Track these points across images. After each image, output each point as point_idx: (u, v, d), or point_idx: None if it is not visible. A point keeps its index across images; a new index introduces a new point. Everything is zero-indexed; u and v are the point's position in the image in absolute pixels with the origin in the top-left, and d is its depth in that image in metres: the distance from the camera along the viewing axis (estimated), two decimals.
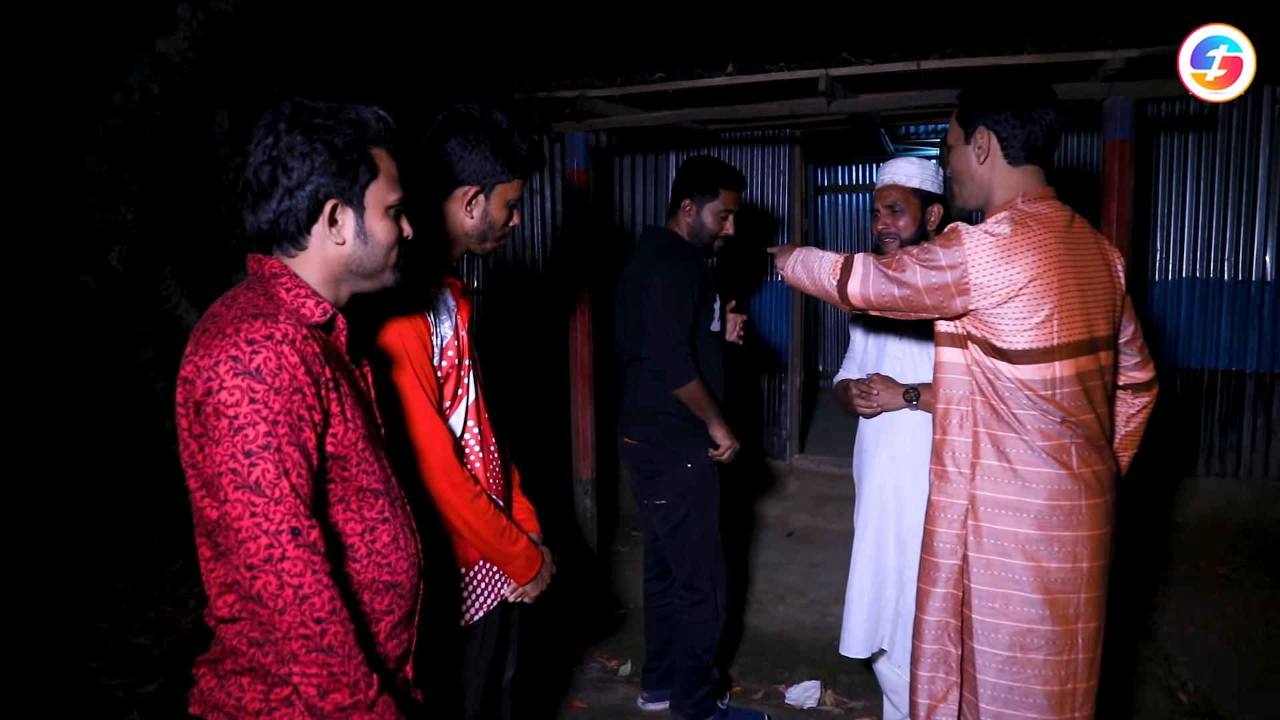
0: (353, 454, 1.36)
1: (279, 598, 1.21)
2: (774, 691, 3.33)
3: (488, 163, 1.84)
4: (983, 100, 1.89)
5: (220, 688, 1.33)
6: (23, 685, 3.24)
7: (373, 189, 1.40)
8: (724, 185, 2.91)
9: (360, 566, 1.39)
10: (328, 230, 1.38)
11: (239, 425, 1.21)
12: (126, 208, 4.13)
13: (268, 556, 1.21)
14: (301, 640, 1.23)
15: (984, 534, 1.85)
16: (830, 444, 5.40)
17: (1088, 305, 1.84)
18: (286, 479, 1.23)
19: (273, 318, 1.27)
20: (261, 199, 1.36)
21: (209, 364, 1.22)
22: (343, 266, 1.41)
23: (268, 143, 1.35)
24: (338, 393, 1.33)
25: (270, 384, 1.22)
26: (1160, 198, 4.43)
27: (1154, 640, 3.44)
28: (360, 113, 1.40)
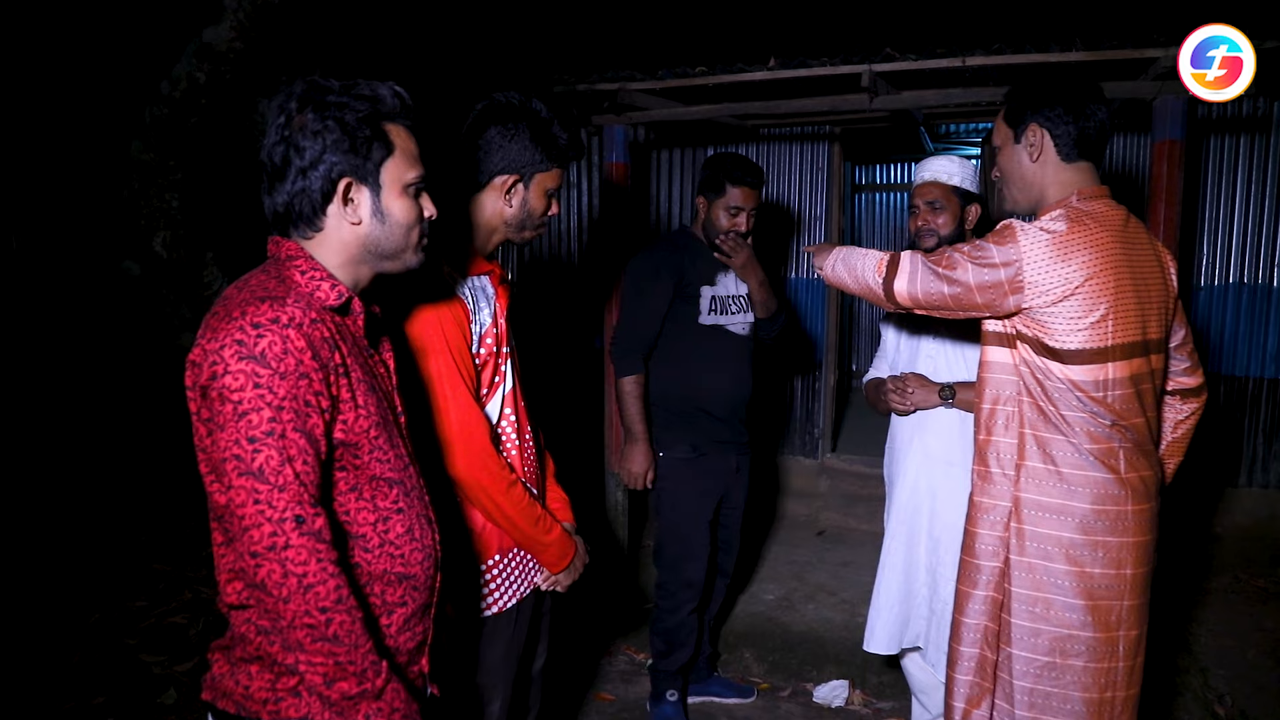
0: (364, 441, 1.34)
1: (283, 586, 1.19)
2: (801, 689, 3.31)
3: (527, 151, 1.84)
4: (1033, 97, 1.86)
5: (230, 675, 1.31)
6: (64, 660, 3.31)
7: (388, 166, 1.37)
8: (731, 181, 2.83)
9: (372, 557, 1.36)
10: (343, 210, 1.35)
11: (243, 410, 1.19)
12: (171, 194, 4.19)
13: (271, 544, 1.19)
14: (306, 629, 1.21)
15: (1027, 537, 1.82)
16: (862, 444, 5.36)
17: (1142, 306, 1.80)
18: (290, 466, 1.20)
19: (280, 301, 1.24)
20: (276, 180, 1.34)
21: (215, 347, 1.21)
22: (360, 247, 1.38)
23: (280, 122, 1.33)
24: (348, 379, 1.31)
25: (275, 369, 1.20)
26: (1209, 201, 4.34)
27: (1191, 652, 3.38)
28: (375, 88, 1.37)
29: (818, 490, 5.04)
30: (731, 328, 2.96)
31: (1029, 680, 1.82)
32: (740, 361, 2.98)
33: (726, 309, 2.95)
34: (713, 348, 2.93)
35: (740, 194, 2.84)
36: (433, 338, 1.75)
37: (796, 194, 5.00)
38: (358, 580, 1.34)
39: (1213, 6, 2.73)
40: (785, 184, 5.02)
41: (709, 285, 2.93)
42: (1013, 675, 1.83)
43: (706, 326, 2.91)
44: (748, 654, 3.52)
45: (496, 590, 1.87)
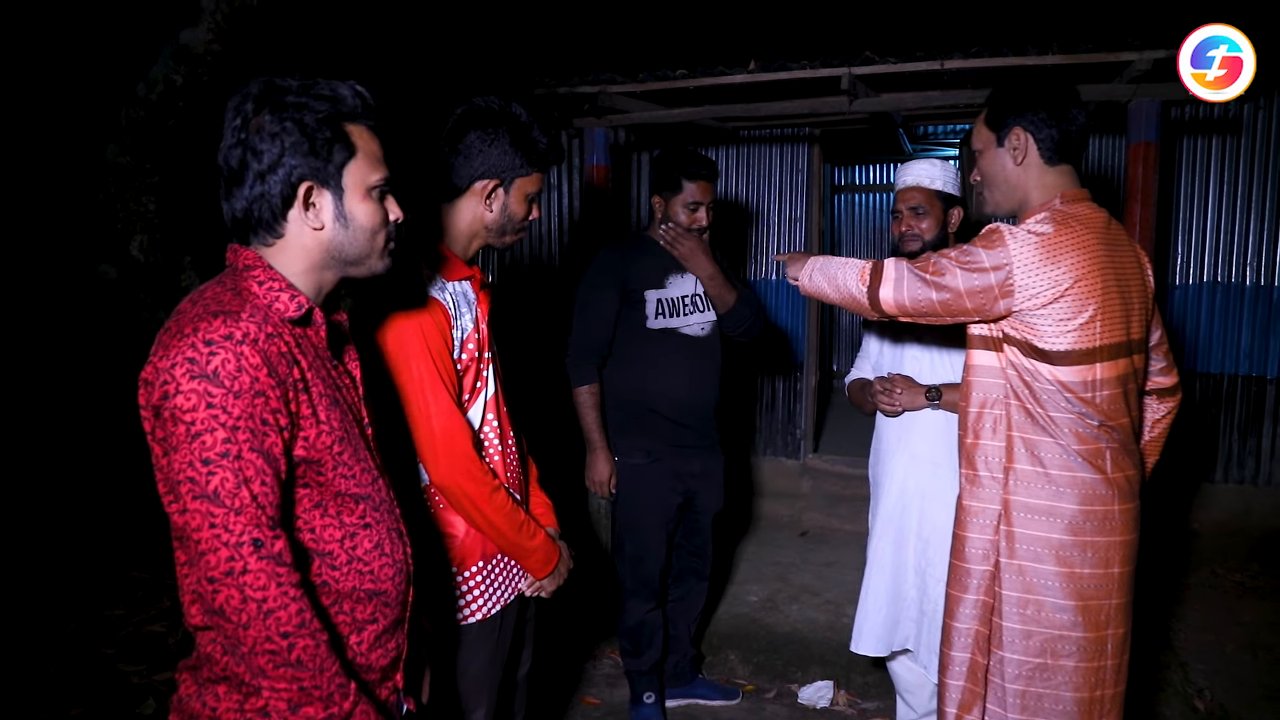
0: (328, 457, 1.29)
1: (242, 612, 1.15)
2: (786, 691, 3.32)
3: (507, 156, 1.83)
4: (1015, 101, 1.87)
5: (198, 695, 1.27)
6: (41, 670, 3.26)
7: (351, 168, 1.31)
8: (686, 177, 2.80)
9: (340, 574, 1.32)
10: (304, 215, 1.29)
11: (196, 431, 1.14)
12: (148, 198, 4.16)
13: (229, 570, 1.14)
14: (268, 655, 1.17)
15: (1016, 539, 1.83)
16: (844, 444, 5.38)
17: (1126, 307, 1.82)
18: (247, 488, 1.16)
19: (234, 316, 1.19)
20: (234, 185, 1.28)
21: (166, 365, 1.16)
22: (323, 253, 1.32)
23: (235, 124, 1.27)
24: (309, 394, 1.26)
25: (229, 387, 1.15)
26: (1183, 201, 4.39)
27: (1171, 647, 3.42)
28: (334, 88, 1.31)
29: (800, 491, 5.05)
30: (686, 330, 2.89)
31: (1020, 683, 1.82)
32: (699, 364, 2.91)
33: (679, 310, 2.89)
34: (664, 351, 2.88)
35: (697, 188, 2.81)
36: (413, 343, 1.74)
37: (776, 196, 5.02)
38: (325, 599, 1.30)
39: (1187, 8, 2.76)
40: (765, 186, 5.03)
41: (656, 288, 2.87)
42: (1004, 679, 1.84)
43: (655, 330, 2.87)
44: (732, 655, 3.53)
45: (480, 597, 1.86)
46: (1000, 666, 1.84)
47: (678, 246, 2.80)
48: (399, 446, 1.76)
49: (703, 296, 2.91)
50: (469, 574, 1.85)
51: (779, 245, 5.05)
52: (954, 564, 1.95)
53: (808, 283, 2.05)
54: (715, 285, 2.85)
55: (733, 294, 2.87)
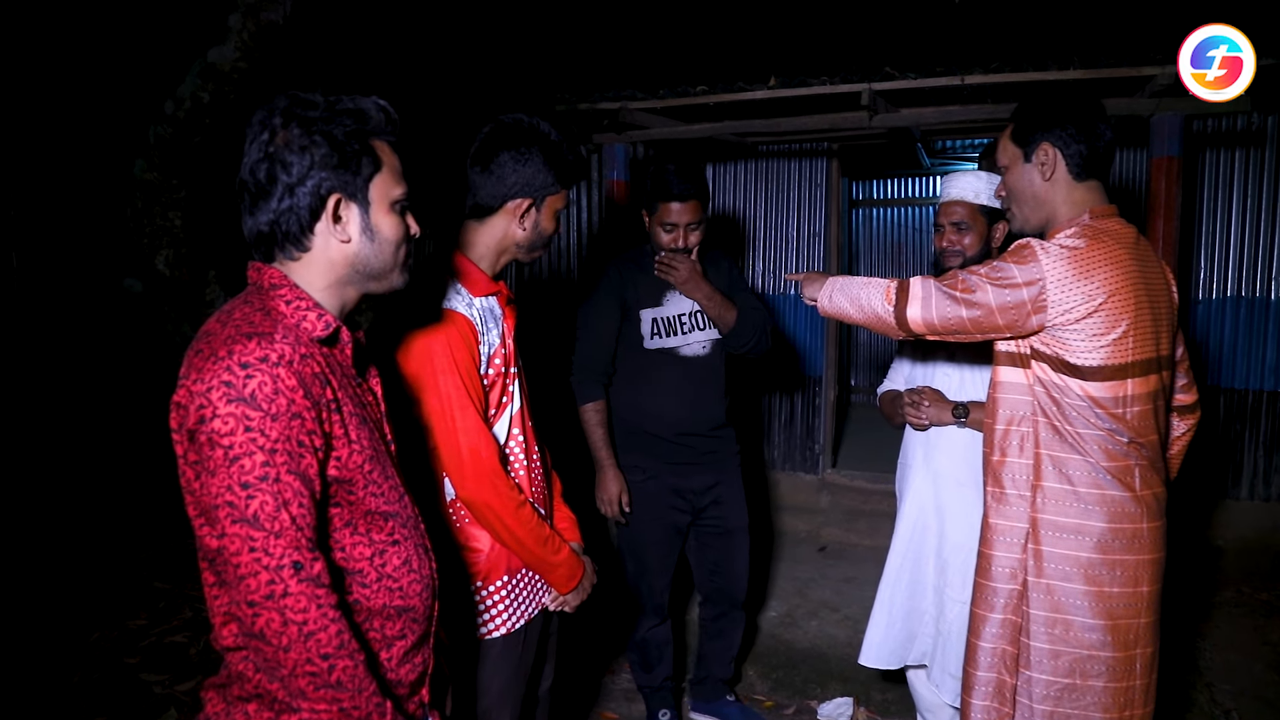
0: (359, 476, 1.29)
1: (283, 635, 1.15)
2: (806, 707, 3.30)
3: (540, 175, 1.84)
4: (1043, 116, 1.85)
5: (225, 714, 1.27)
6: (64, 679, 3.29)
7: (377, 182, 1.32)
8: (659, 197, 2.69)
9: (370, 592, 1.32)
10: (332, 228, 1.29)
11: (234, 455, 1.14)
12: (174, 213, 4.22)
13: (269, 593, 1.14)
14: (309, 677, 1.17)
15: (1045, 558, 1.81)
16: (863, 459, 5.36)
17: (1156, 322, 1.81)
18: (286, 510, 1.16)
19: (268, 337, 1.19)
20: (260, 199, 1.27)
21: (201, 389, 1.15)
22: (349, 267, 1.33)
23: (263, 139, 1.27)
24: (340, 414, 1.26)
25: (266, 410, 1.15)
26: (1206, 215, 4.36)
27: (1197, 667, 3.38)
28: (359, 103, 1.32)
29: (819, 506, 5.03)
30: (684, 350, 2.85)
31: (1049, 704, 1.80)
32: (697, 384, 2.85)
33: (676, 329, 2.84)
34: (660, 372, 2.84)
35: (671, 209, 2.69)
36: (440, 358, 1.75)
37: (794, 210, 5.02)
38: (357, 617, 1.31)
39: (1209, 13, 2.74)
40: (783, 200, 5.04)
41: (653, 307, 2.84)
42: (1032, 699, 1.81)
43: (653, 351, 2.83)
44: (751, 672, 3.51)
45: (505, 612, 1.87)
46: (1028, 687, 1.82)
47: (671, 275, 2.71)
48: (420, 462, 1.77)
49: (702, 314, 2.84)
50: (493, 589, 1.86)
51: (797, 260, 5.06)
52: (980, 582, 1.93)
53: (828, 304, 2.02)
54: (713, 308, 2.76)
55: (733, 313, 2.77)
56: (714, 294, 2.75)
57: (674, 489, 2.90)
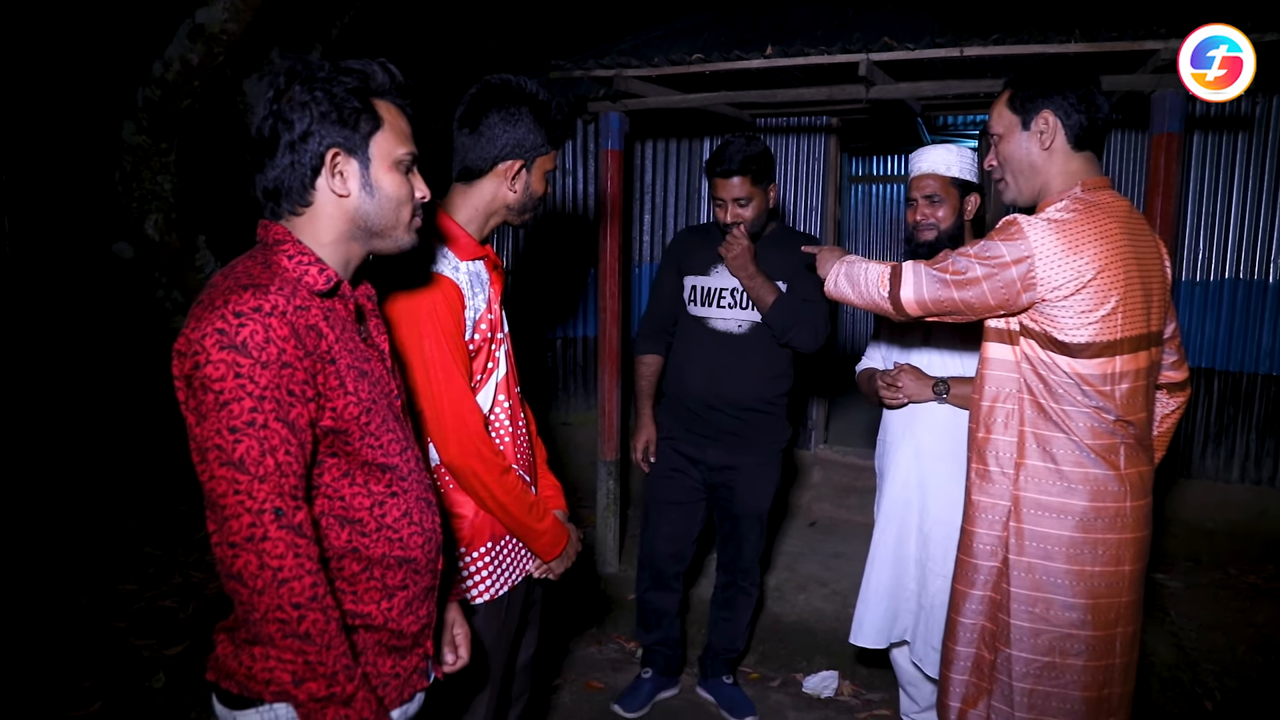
0: (354, 428, 1.32)
1: (258, 578, 1.17)
2: (791, 680, 3.32)
3: (530, 135, 1.82)
4: (1044, 82, 1.82)
5: (234, 655, 1.31)
6: (53, 643, 3.30)
7: (378, 139, 1.35)
8: (708, 172, 2.79)
9: (369, 541, 1.35)
10: (331, 181, 1.34)
11: (224, 400, 1.17)
12: (164, 177, 4.17)
13: (249, 535, 1.17)
14: (278, 624, 1.19)
15: (1026, 536, 1.80)
16: (855, 435, 5.36)
17: (1148, 298, 1.79)
18: (272, 456, 1.19)
19: (263, 288, 1.22)
20: (266, 155, 1.33)
21: (197, 337, 1.19)
22: (349, 222, 1.36)
23: (269, 97, 1.32)
24: (336, 365, 1.29)
25: (256, 358, 1.18)
26: (1205, 197, 4.33)
27: (1181, 647, 3.39)
28: (366, 65, 1.37)
29: (810, 481, 5.04)
30: (716, 322, 2.89)
31: (1029, 681, 1.80)
32: (724, 358, 2.88)
33: (713, 301, 2.89)
34: (693, 338, 2.94)
35: (718, 185, 2.77)
36: (425, 322, 1.73)
37: (793, 185, 4.98)
38: (356, 565, 1.35)
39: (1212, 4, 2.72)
40: (782, 176, 4.99)
41: (698, 275, 2.92)
42: (1012, 677, 1.81)
43: (692, 317, 2.94)
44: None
45: (488, 578, 1.86)
46: (1008, 664, 1.82)
47: (724, 250, 2.78)
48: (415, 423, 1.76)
49: (744, 293, 2.85)
50: (476, 555, 1.85)
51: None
52: (961, 559, 1.92)
53: (833, 287, 2.05)
54: (752, 290, 2.79)
55: (770, 299, 2.76)
56: (756, 276, 2.77)
57: (688, 457, 2.98)
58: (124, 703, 2.96)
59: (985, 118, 5.51)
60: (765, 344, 2.87)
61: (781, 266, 2.82)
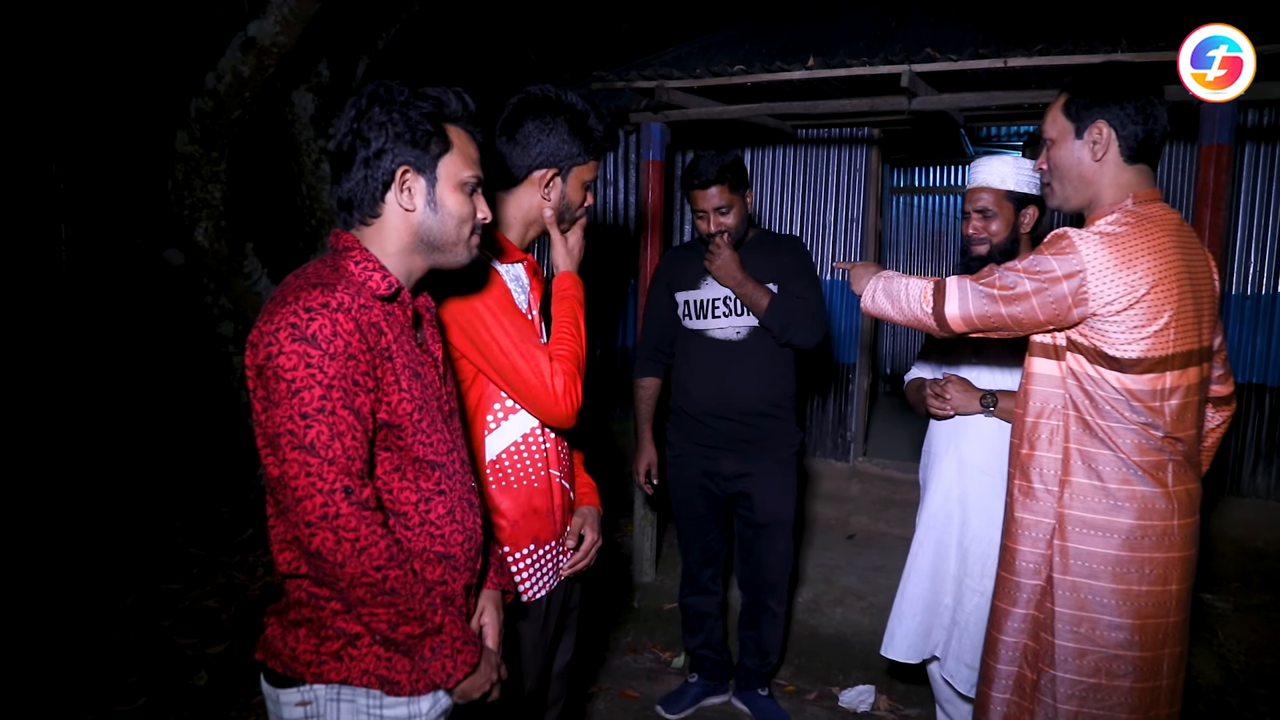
0: (408, 424, 1.40)
1: (338, 552, 1.28)
2: (828, 693, 3.29)
3: (565, 145, 1.84)
4: (1102, 91, 1.77)
5: (281, 637, 1.41)
6: (100, 640, 3.38)
7: (445, 161, 1.45)
8: (684, 185, 2.83)
9: (412, 535, 1.43)
10: (399, 196, 1.43)
11: (296, 389, 1.27)
12: (214, 186, 4.27)
13: (323, 514, 1.27)
14: (365, 587, 1.30)
15: (1071, 555, 1.76)
16: (894, 448, 5.31)
17: (1199, 312, 1.74)
18: (340, 441, 1.28)
19: (331, 287, 1.32)
20: (343, 169, 1.43)
21: (270, 329, 1.29)
22: (413, 235, 1.45)
23: (350, 116, 1.43)
24: (393, 363, 1.38)
25: (325, 350, 1.28)
26: (1256, 208, 4.24)
27: (1230, 670, 3.31)
28: (442, 92, 1.47)
29: (849, 494, 5.00)
30: (714, 332, 2.91)
31: (1074, 704, 1.76)
32: (726, 366, 2.89)
33: (707, 312, 2.90)
34: (694, 352, 2.96)
35: (696, 197, 2.80)
36: (484, 309, 1.76)
37: (834, 197, 4.97)
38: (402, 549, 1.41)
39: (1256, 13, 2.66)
40: (822, 187, 4.98)
41: (689, 289, 2.94)
42: (1056, 699, 1.77)
43: (690, 331, 2.96)
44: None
45: (529, 580, 1.87)
46: (1052, 686, 1.78)
47: (707, 261, 2.81)
48: None
49: (737, 299, 2.87)
50: (519, 556, 1.86)
51: (834, 246, 5.00)
52: (1003, 576, 1.89)
53: (870, 304, 2.01)
54: (744, 295, 2.81)
55: (764, 301, 2.78)
56: (745, 281, 2.78)
57: (703, 470, 2.98)
58: (167, 699, 3.02)
59: (1030, 129, 5.45)
60: (766, 347, 2.89)
61: (768, 268, 2.85)
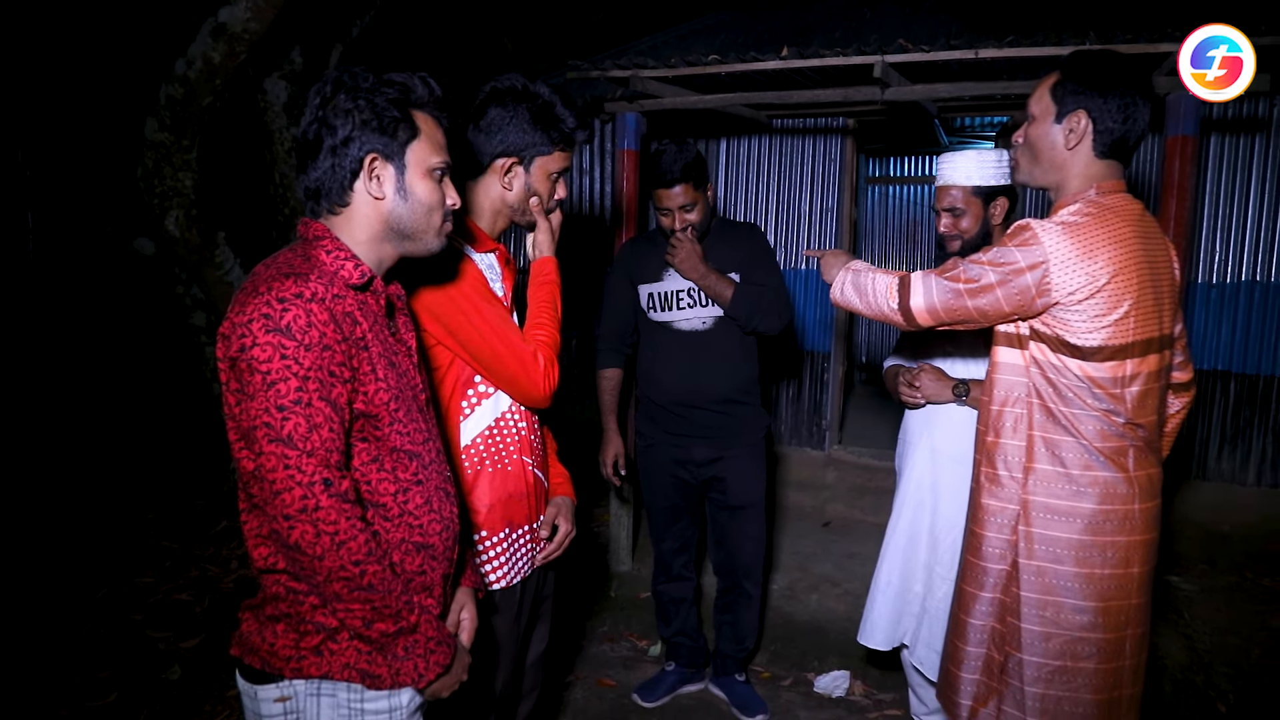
0: (384, 414, 1.39)
1: (316, 545, 1.26)
2: (803, 679, 3.32)
3: (526, 134, 1.84)
4: (1090, 78, 1.75)
5: (258, 632, 1.39)
6: (71, 634, 3.35)
7: (414, 147, 1.43)
8: (651, 183, 2.79)
9: (391, 526, 1.42)
10: (368, 185, 1.41)
11: (271, 380, 1.25)
12: (185, 174, 4.22)
13: (302, 507, 1.25)
14: (343, 582, 1.29)
15: (1035, 540, 1.80)
16: (869, 436, 5.35)
17: (1159, 301, 1.77)
18: (317, 433, 1.27)
19: (304, 277, 1.30)
20: (309, 157, 1.41)
21: (243, 321, 1.27)
22: (383, 223, 1.44)
23: (315, 104, 1.41)
24: (368, 352, 1.37)
25: (300, 340, 1.26)
26: (1221, 199, 4.31)
27: (1195, 650, 3.38)
28: (407, 78, 1.45)
29: (825, 482, 5.04)
30: (680, 324, 2.91)
31: (1040, 686, 1.80)
32: (694, 357, 2.91)
33: (672, 304, 2.91)
34: (661, 343, 2.96)
35: (662, 195, 2.78)
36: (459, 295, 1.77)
37: (809, 187, 4.99)
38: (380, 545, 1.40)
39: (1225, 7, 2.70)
40: (797, 176, 5.00)
41: (652, 281, 2.94)
42: (1024, 681, 1.81)
43: (655, 322, 2.96)
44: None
45: (503, 565, 1.88)
46: (1019, 669, 1.81)
47: (669, 255, 2.82)
48: None
49: (700, 290, 2.87)
50: (493, 541, 1.87)
51: (809, 236, 5.03)
52: (970, 560, 1.92)
53: (839, 295, 2.03)
54: (709, 287, 2.82)
55: (728, 291, 2.80)
56: (708, 274, 2.80)
57: (674, 459, 3.00)
58: (140, 694, 3.00)
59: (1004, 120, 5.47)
60: (732, 334, 2.91)
61: (729, 258, 2.87)
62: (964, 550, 1.95)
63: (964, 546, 1.96)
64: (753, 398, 3.01)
